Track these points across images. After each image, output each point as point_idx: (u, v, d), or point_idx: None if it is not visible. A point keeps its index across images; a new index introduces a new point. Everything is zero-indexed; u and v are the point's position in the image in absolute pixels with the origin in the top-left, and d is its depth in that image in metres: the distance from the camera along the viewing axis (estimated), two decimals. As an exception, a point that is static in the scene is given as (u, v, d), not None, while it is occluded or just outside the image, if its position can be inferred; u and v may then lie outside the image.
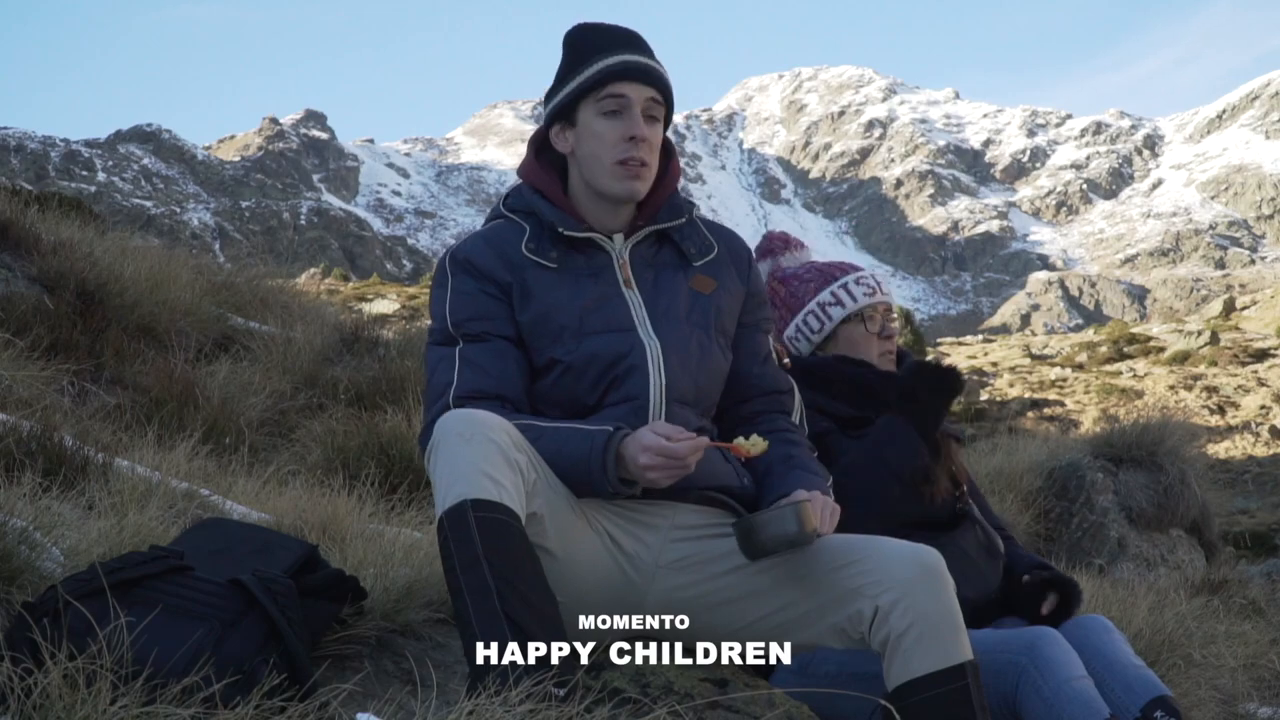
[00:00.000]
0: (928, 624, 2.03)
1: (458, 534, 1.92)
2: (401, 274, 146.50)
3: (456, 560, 1.92)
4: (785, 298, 2.99)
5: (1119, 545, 6.81)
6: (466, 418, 2.02)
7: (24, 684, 1.62)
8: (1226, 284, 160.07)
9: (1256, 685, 4.25)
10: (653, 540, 2.24)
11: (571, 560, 2.15)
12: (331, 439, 4.78)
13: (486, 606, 1.88)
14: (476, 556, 1.90)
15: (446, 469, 1.98)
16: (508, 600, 1.89)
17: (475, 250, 2.31)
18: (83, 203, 9.67)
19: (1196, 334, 31.37)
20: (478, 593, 1.89)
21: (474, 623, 1.88)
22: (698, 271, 2.36)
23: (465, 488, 1.94)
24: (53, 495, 2.74)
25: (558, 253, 2.29)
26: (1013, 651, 2.49)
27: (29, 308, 5.14)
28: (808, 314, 2.95)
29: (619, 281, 2.31)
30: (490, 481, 1.95)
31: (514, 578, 1.91)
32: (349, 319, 7.75)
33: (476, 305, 2.26)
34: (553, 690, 1.79)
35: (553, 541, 2.11)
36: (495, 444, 1.99)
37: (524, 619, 1.88)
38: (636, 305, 2.30)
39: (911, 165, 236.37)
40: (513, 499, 1.97)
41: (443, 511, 1.95)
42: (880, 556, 2.10)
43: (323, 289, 20.92)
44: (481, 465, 1.96)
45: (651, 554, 2.24)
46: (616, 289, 2.30)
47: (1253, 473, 18.79)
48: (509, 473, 1.98)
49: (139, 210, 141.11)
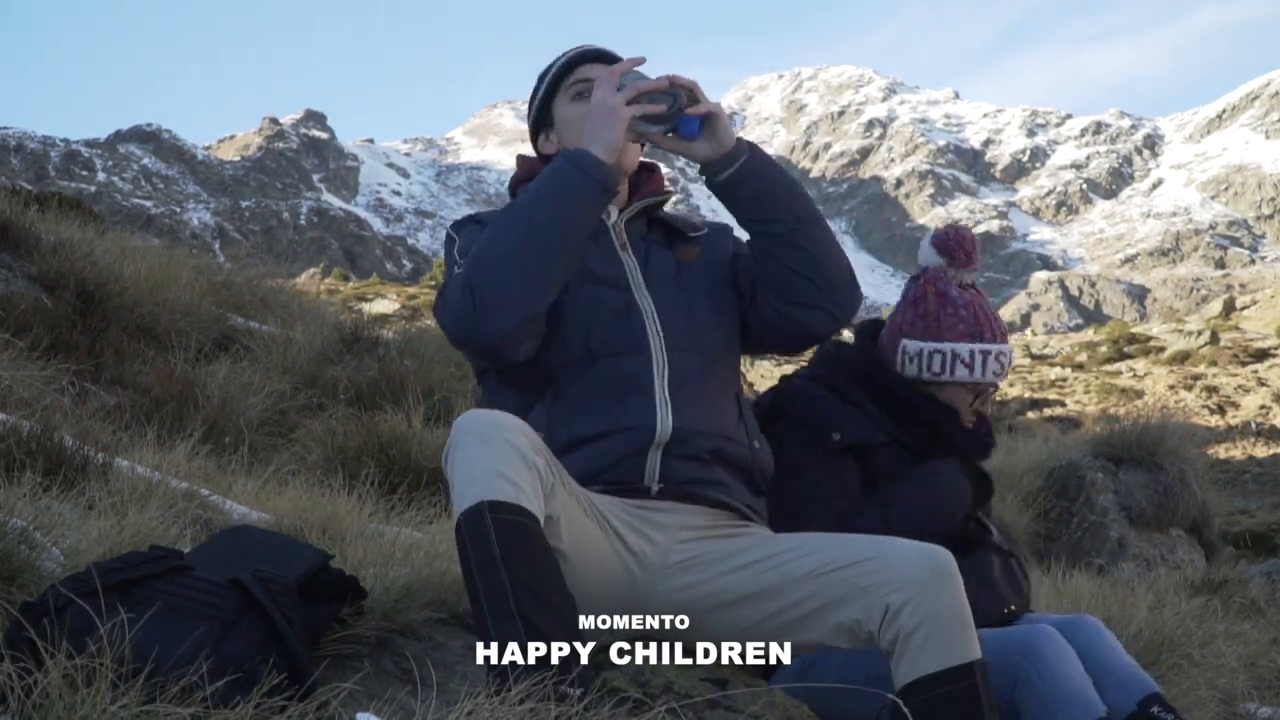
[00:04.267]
0: (938, 623, 2.03)
1: (475, 536, 1.91)
2: (401, 274, 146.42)
3: (474, 562, 1.91)
4: (929, 315, 2.85)
5: (1119, 545, 6.81)
6: (485, 418, 2.01)
7: (24, 684, 1.62)
8: (1226, 284, 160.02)
9: (1256, 685, 4.25)
10: (661, 540, 2.24)
11: (582, 561, 2.15)
12: (331, 439, 4.78)
13: (503, 608, 1.88)
14: (493, 559, 1.89)
15: (464, 471, 1.97)
16: (524, 601, 1.88)
17: (478, 214, 2.42)
18: (83, 203, 9.67)
19: (1196, 334, 31.36)
20: (494, 594, 1.89)
21: (490, 624, 1.88)
22: (682, 246, 2.46)
23: (482, 489, 1.93)
24: (53, 495, 2.74)
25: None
26: (1010, 651, 2.49)
27: (29, 308, 5.14)
28: (936, 353, 2.80)
29: (615, 246, 2.40)
30: (508, 483, 1.94)
31: (531, 579, 1.90)
32: (349, 319, 7.76)
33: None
34: (569, 691, 1.79)
35: (566, 543, 2.10)
36: (513, 445, 1.98)
37: (540, 620, 1.88)
38: (632, 268, 2.38)
39: (911, 165, 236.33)
40: (530, 501, 1.96)
41: (460, 514, 1.94)
42: (890, 555, 2.10)
43: (323, 289, 20.92)
44: (499, 467, 1.95)
45: (659, 553, 2.24)
46: (613, 252, 2.39)
47: (1253, 473, 18.77)
48: (527, 474, 1.97)
49: (139, 210, 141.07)
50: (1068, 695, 2.40)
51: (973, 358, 2.77)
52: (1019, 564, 2.84)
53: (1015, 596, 2.75)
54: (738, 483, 2.33)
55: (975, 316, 2.80)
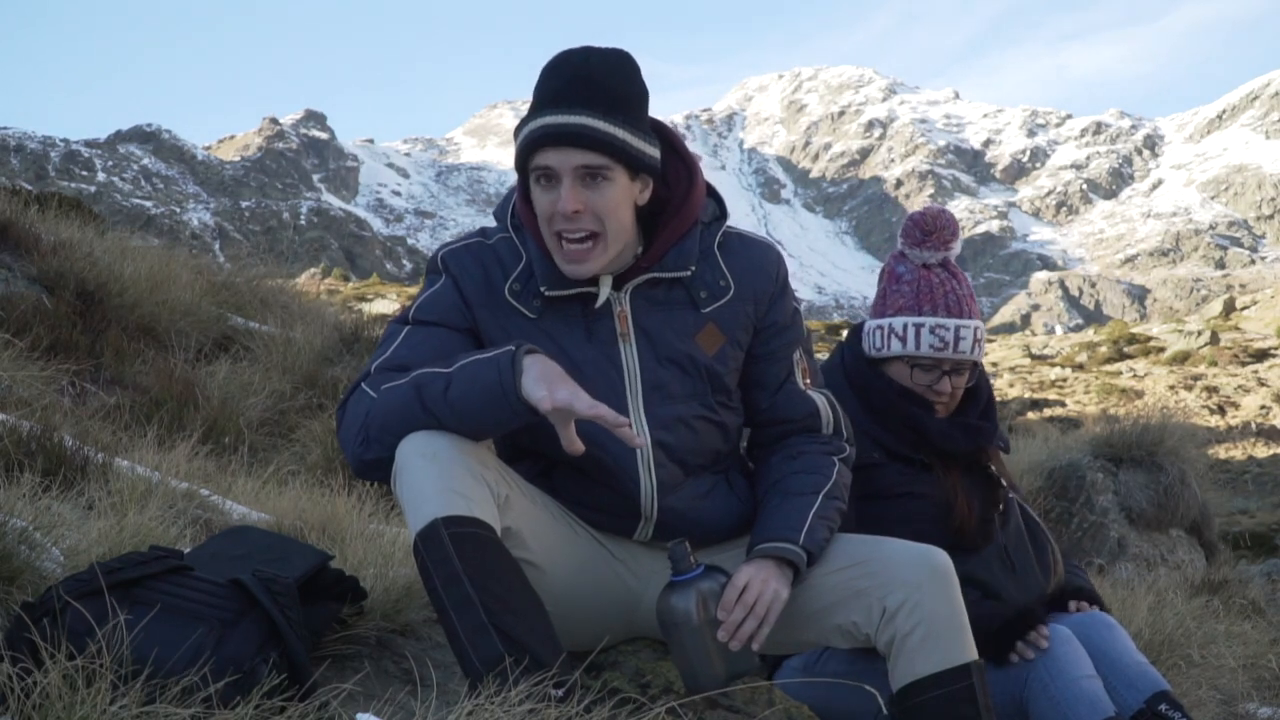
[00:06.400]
0: (934, 625, 2.03)
1: (434, 554, 1.89)
2: (401, 274, 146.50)
3: (437, 579, 1.89)
4: (879, 294, 2.85)
5: (1119, 545, 6.81)
6: (429, 439, 1.97)
7: (24, 684, 1.62)
8: (1226, 284, 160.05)
9: (1256, 685, 4.25)
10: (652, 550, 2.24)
11: (561, 570, 2.13)
12: (331, 439, 4.78)
13: (473, 620, 1.87)
14: (456, 573, 1.87)
15: (414, 491, 1.94)
16: (493, 611, 1.87)
17: (465, 271, 2.16)
18: (83, 203, 9.67)
19: (1196, 334, 31.35)
20: (462, 608, 1.87)
21: (463, 637, 1.87)
22: (709, 320, 2.18)
23: (435, 507, 1.90)
24: (52, 495, 2.73)
25: (541, 302, 2.13)
26: (1022, 651, 2.50)
27: (29, 308, 5.14)
28: (877, 329, 2.78)
29: (615, 335, 2.15)
30: (460, 497, 1.92)
31: (496, 588, 1.89)
32: (349, 319, 7.76)
33: (441, 311, 2.15)
34: (551, 692, 1.78)
35: (536, 554, 2.08)
36: (460, 461, 1.95)
37: (511, 626, 1.87)
38: (631, 368, 2.15)
39: (911, 165, 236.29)
40: (484, 511, 1.94)
41: (416, 534, 1.91)
42: (887, 558, 2.09)
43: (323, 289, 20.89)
44: (449, 483, 1.92)
45: (652, 558, 2.23)
46: (611, 343, 2.15)
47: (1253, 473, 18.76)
48: (477, 487, 1.95)
49: (139, 210, 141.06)
50: (1077, 696, 2.41)
51: (905, 330, 2.73)
52: (1040, 550, 2.79)
53: (1024, 595, 2.69)
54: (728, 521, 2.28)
55: (917, 291, 2.75)
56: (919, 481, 2.70)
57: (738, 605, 2.02)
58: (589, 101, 2.01)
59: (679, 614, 2.02)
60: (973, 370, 2.80)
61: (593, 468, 2.14)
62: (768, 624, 2.02)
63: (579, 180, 2.03)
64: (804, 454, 2.25)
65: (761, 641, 2.04)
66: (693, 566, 2.05)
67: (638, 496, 2.16)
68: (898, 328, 2.74)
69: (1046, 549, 2.81)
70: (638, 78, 2.08)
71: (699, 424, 2.19)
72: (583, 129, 2.00)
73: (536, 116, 2.03)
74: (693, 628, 2.02)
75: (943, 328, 2.71)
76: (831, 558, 2.14)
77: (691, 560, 2.05)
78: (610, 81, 2.04)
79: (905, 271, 2.79)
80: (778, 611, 2.03)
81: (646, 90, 2.09)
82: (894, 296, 2.78)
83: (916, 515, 2.64)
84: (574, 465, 2.16)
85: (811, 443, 2.28)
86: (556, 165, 2.02)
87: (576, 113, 2.00)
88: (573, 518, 2.21)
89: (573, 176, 2.03)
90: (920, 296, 2.74)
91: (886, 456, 2.70)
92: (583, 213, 2.03)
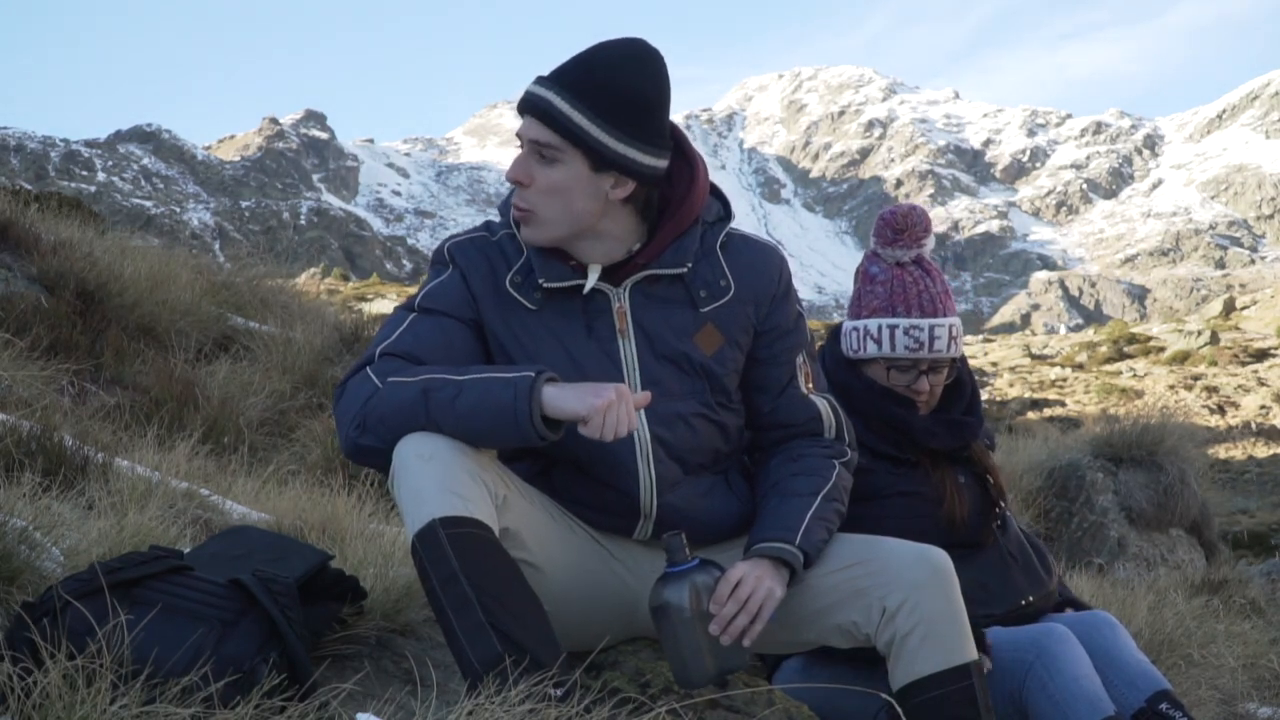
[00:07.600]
0: (934, 624, 2.03)
1: (431, 554, 1.89)
2: (401, 274, 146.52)
3: (434, 580, 1.89)
4: (855, 295, 2.84)
5: (1119, 545, 6.81)
6: (425, 440, 1.97)
7: (24, 684, 1.62)
8: (1226, 284, 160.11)
9: (1256, 685, 4.25)
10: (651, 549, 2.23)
11: (560, 571, 2.13)
12: (331, 439, 4.78)
13: (471, 620, 1.87)
14: (453, 573, 1.87)
15: (411, 492, 1.94)
16: (491, 611, 1.87)
17: (471, 263, 2.16)
18: (82, 203, 9.68)
19: (1196, 334, 31.38)
20: (460, 608, 1.87)
21: (461, 637, 1.87)
22: (707, 320, 2.18)
23: (433, 508, 1.90)
24: (52, 495, 2.73)
25: (541, 295, 2.14)
26: (1021, 649, 2.50)
27: (29, 308, 5.13)
28: (853, 330, 2.78)
29: (614, 331, 2.15)
30: (457, 498, 1.92)
31: (494, 588, 1.89)
32: (349, 319, 7.75)
33: (447, 301, 2.15)
34: (551, 692, 1.78)
35: (535, 554, 2.08)
36: (458, 462, 1.95)
37: (509, 626, 1.87)
38: (629, 368, 2.15)
39: (911, 165, 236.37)
40: (482, 511, 1.94)
41: (414, 535, 1.92)
42: (887, 557, 2.10)
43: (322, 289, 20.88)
44: (446, 484, 1.92)
45: (651, 558, 2.22)
46: (610, 339, 2.15)
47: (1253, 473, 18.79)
48: (475, 487, 1.95)
49: (139, 210, 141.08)
50: (1076, 695, 2.41)
51: (880, 332, 2.73)
52: (1040, 555, 2.81)
53: (1034, 588, 2.71)
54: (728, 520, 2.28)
55: (891, 292, 2.75)
56: (909, 480, 2.71)
57: (730, 600, 2.02)
58: (572, 85, 2.03)
59: (672, 605, 2.02)
60: (952, 366, 2.80)
61: (592, 465, 2.15)
62: (760, 621, 2.02)
63: (533, 153, 2.07)
64: (804, 456, 2.25)
65: (753, 638, 2.04)
66: (688, 558, 2.05)
67: (637, 493, 2.16)
68: (873, 329, 2.74)
69: (1045, 552, 2.84)
70: (647, 80, 2.06)
71: (698, 422, 2.19)
72: (545, 105, 2.04)
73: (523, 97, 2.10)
74: (685, 619, 2.02)
75: (917, 328, 2.72)
76: (831, 557, 2.14)
77: (687, 552, 2.05)
78: (604, 74, 2.04)
79: (879, 271, 2.79)
80: (770, 609, 2.03)
81: (658, 94, 2.08)
82: (868, 297, 2.78)
83: (911, 513, 2.64)
84: (573, 464, 2.16)
85: (813, 446, 2.28)
86: (521, 133, 2.09)
87: (550, 89, 2.04)
88: (572, 518, 2.21)
89: (529, 148, 2.07)
90: (894, 297, 2.74)
91: (872, 457, 2.69)
92: (526, 186, 2.08)
